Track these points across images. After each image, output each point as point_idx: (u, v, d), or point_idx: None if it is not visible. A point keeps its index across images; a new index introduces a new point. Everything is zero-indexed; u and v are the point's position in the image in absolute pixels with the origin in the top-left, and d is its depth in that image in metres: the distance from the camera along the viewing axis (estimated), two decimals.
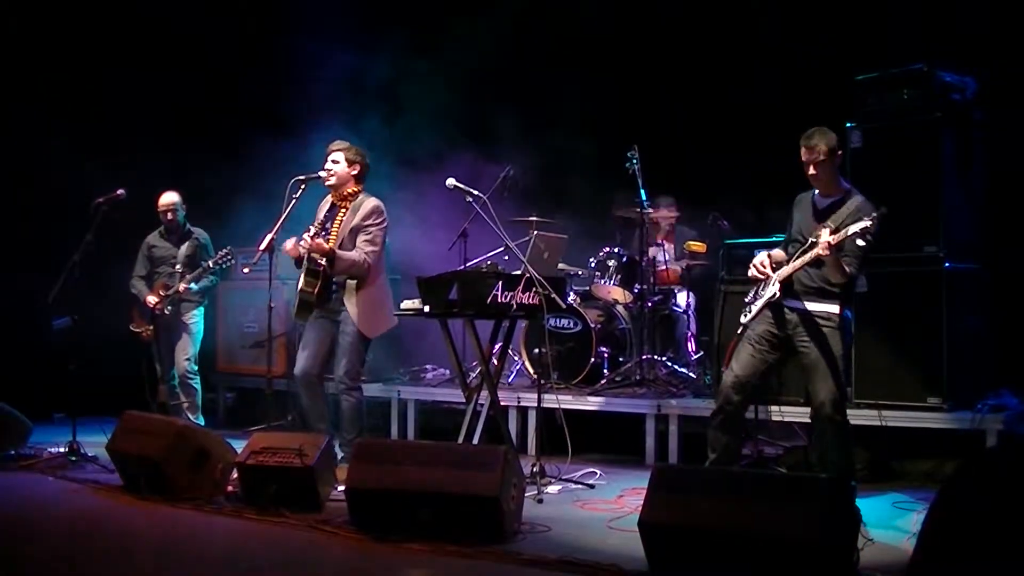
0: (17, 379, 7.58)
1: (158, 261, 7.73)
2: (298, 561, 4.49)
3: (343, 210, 6.13)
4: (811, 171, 5.01)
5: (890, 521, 4.99)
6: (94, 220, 7.02)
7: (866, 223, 4.64)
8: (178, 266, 7.58)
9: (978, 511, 3.03)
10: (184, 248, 7.65)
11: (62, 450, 6.76)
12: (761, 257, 5.24)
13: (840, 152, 5.06)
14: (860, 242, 4.71)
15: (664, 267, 7.95)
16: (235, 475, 5.50)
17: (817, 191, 5.16)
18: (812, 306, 5.02)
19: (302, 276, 6.03)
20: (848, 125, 6.27)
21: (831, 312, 4.99)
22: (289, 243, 6.02)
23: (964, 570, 2.98)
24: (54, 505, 5.61)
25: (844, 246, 4.79)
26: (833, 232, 4.78)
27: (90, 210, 7.07)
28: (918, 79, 6.07)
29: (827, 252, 4.78)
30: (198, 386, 7.68)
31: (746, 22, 8.14)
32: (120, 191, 7.14)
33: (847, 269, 4.86)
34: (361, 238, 6.02)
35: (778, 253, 5.29)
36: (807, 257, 4.93)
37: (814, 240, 4.92)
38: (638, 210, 7.45)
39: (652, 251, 7.78)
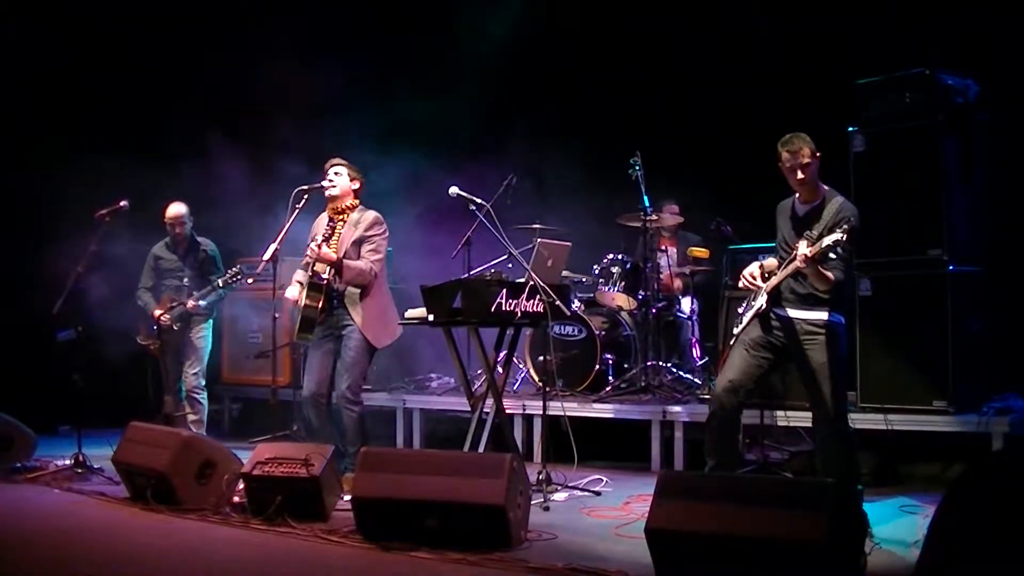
0: (22, 391, 7.57)
1: (165, 273, 7.59)
2: (304, 571, 4.49)
3: (341, 223, 6.15)
4: (799, 176, 4.95)
5: (896, 525, 4.98)
6: (97, 231, 7.02)
7: (838, 235, 4.61)
8: (185, 279, 7.48)
9: (984, 514, 3.03)
10: (191, 260, 7.58)
11: (68, 462, 6.76)
12: (752, 268, 5.22)
13: (819, 155, 4.99)
14: (832, 255, 4.68)
15: (668, 273, 7.95)
16: (241, 486, 5.51)
17: (798, 197, 5.13)
18: (800, 314, 5.01)
19: (304, 292, 6.01)
20: (850, 129, 6.29)
21: (820, 319, 4.96)
22: (291, 290, 6.13)
23: (971, 574, 2.97)
24: (60, 517, 5.60)
25: (823, 256, 4.73)
26: (811, 244, 4.77)
27: (93, 221, 7.06)
28: (920, 82, 6.07)
29: (804, 264, 4.78)
30: (205, 401, 7.61)
31: (747, 25, 8.15)
32: (123, 202, 7.11)
33: (830, 276, 4.82)
34: (366, 248, 6.05)
35: (770, 262, 5.27)
36: (788, 269, 4.92)
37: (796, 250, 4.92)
38: (641, 215, 7.45)
39: (656, 257, 7.78)
